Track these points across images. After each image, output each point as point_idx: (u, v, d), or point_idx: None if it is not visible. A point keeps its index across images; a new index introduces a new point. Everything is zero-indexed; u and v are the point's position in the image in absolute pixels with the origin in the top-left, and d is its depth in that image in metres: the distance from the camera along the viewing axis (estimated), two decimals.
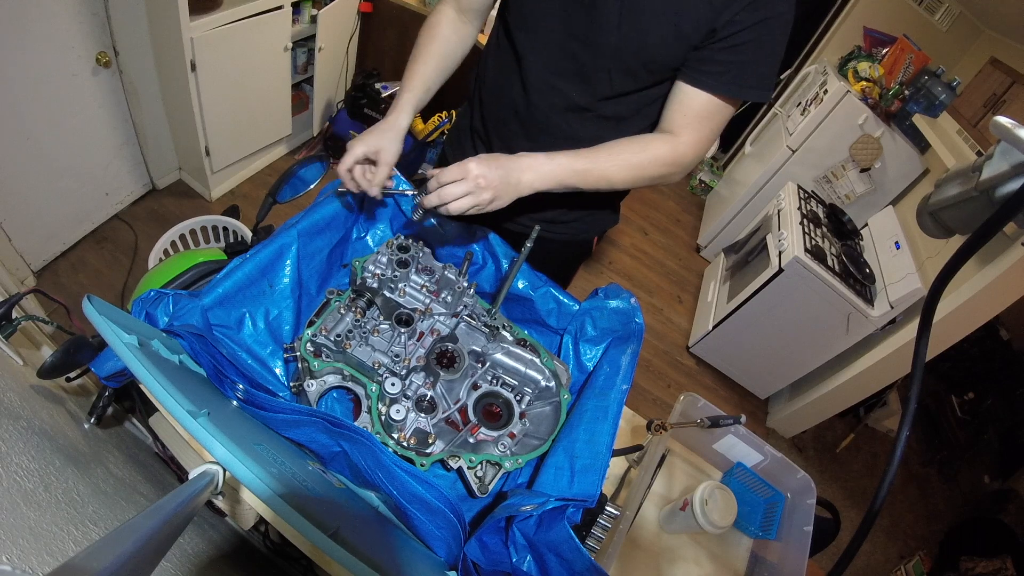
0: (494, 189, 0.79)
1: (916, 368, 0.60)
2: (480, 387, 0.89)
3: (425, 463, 0.77)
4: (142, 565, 0.33)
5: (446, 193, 0.78)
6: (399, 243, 0.95)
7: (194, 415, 0.52)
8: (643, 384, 2.65)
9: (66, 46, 1.73)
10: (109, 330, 0.56)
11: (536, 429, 0.90)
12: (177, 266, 1.04)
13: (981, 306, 1.91)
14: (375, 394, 0.80)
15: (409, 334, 0.87)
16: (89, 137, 2.00)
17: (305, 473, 0.62)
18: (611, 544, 0.83)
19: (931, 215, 0.75)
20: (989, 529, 2.50)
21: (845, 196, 2.88)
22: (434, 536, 0.64)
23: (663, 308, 3.10)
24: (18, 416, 0.66)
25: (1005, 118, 0.57)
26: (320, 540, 0.47)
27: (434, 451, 0.79)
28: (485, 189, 0.78)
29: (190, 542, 0.81)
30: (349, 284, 0.94)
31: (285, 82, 2.52)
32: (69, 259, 2.11)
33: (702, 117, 0.89)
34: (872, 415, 2.92)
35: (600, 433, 0.77)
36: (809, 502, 1.02)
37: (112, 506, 0.69)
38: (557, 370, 0.94)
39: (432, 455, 0.78)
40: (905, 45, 2.77)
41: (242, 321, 0.82)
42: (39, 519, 0.52)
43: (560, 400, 0.91)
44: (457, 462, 0.79)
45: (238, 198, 2.58)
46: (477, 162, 0.79)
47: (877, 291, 2.35)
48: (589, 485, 0.70)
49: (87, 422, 0.85)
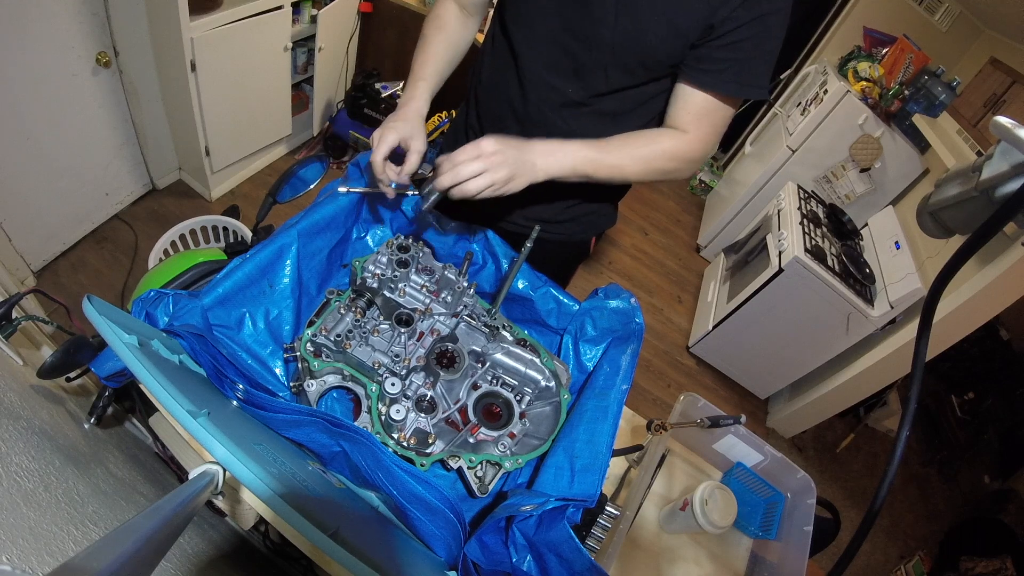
0: (510, 167, 0.76)
1: (916, 368, 0.60)
2: (480, 387, 0.89)
3: (425, 463, 0.77)
4: (142, 565, 0.33)
5: (461, 172, 0.75)
6: (399, 243, 0.95)
7: (194, 415, 0.52)
8: (643, 384, 2.65)
9: (66, 46, 1.73)
10: (109, 330, 0.56)
11: (536, 429, 0.90)
12: (177, 266, 1.04)
13: (981, 306, 1.91)
14: (375, 394, 0.80)
15: (409, 334, 0.87)
16: (89, 137, 2.00)
17: (305, 473, 0.62)
18: (611, 544, 0.83)
19: (931, 215, 0.75)
20: (989, 529, 2.50)
21: (845, 196, 2.88)
22: (434, 536, 0.64)
23: (663, 308, 3.10)
24: (18, 416, 0.66)
25: (1005, 118, 0.57)
26: (321, 540, 0.47)
27: (434, 451, 0.79)
28: (502, 166, 0.76)
29: (190, 542, 0.81)
30: (349, 284, 0.94)
31: (285, 82, 2.52)
32: (69, 259, 2.11)
33: (703, 115, 0.90)
34: (872, 415, 2.92)
35: (600, 433, 0.77)
36: (809, 502, 1.02)
37: (112, 506, 0.69)
38: (557, 370, 0.94)
39: (432, 455, 0.78)
40: (905, 45, 2.77)
41: (242, 321, 0.83)
42: (39, 519, 0.52)
43: (560, 400, 0.91)
44: (457, 462, 0.79)
45: (238, 198, 2.58)
46: (491, 140, 0.76)
47: (877, 291, 2.35)
48: (589, 485, 0.70)
49: (87, 422, 0.85)
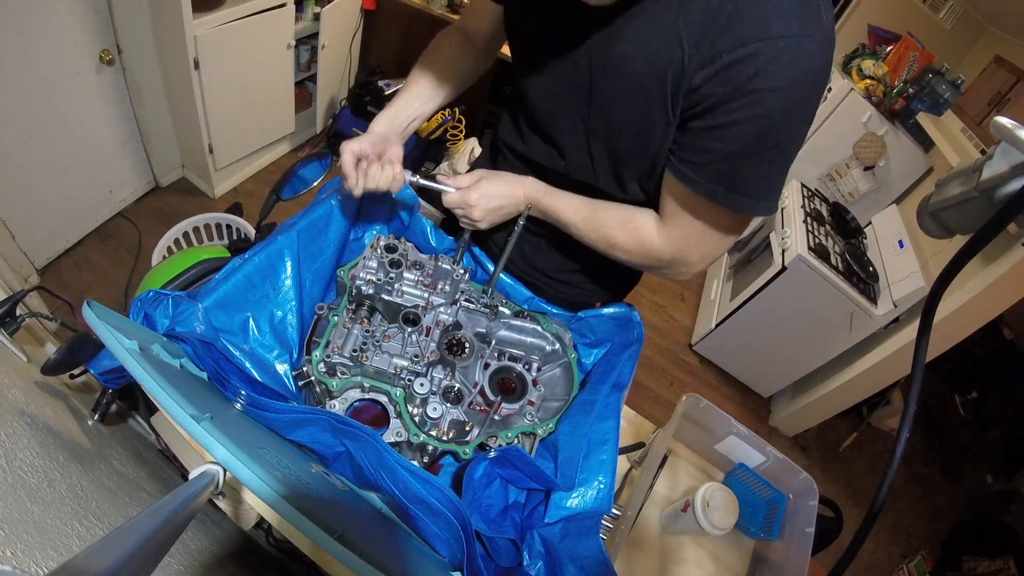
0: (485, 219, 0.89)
1: (916, 369, 0.60)
2: (490, 366, 0.89)
3: (468, 451, 0.78)
4: (142, 565, 0.33)
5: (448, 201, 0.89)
6: (385, 243, 0.94)
7: (197, 419, 0.52)
8: (645, 382, 2.65)
9: (70, 44, 1.74)
10: (109, 335, 0.56)
11: (552, 392, 0.92)
12: (180, 263, 1.04)
13: (984, 306, 1.90)
14: (400, 398, 0.80)
15: (419, 332, 0.87)
16: (93, 135, 2.00)
17: (309, 476, 0.62)
18: (612, 545, 0.83)
19: (931, 215, 0.74)
20: (992, 529, 2.49)
21: (849, 194, 2.87)
22: (436, 536, 0.65)
23: (666, 305, 3.10)
24: (22, 412, 0.66)
25: (1005, 118, 0.57)
26: (329, 545, 0.47)
27: (471, 438, 0.80)
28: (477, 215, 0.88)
29: (194, 539, 0.82)
30: (337, 295, 0.93)
31: (288, 79, 2.53)
32: (73, 256, 2.12)
33: (684, 212, 0.76)
34: (875, 414, 2.91)
35: (581, 424, 0.79)
36: (811, 503, 1.02)
37: (116, 502, 0.70)
38: (558, 332, 0.96)
39: (471, 442, 0.79)
40: (909, 43, 2.75)
41: (246, 326, 0.82)
42: (43, 514, 0.52)
43: (568, 359, 0.94)
44: (496, 442, 0.80)
45: (241, 196, 2.59)
46: (478, 191, 0.86)
47: (880, 290, 2.34)
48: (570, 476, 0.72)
49: (91, 419, 0.86)
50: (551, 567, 0.69)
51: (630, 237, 0.83)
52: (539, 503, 0.74)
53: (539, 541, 0.69)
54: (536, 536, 0.69)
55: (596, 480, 0.72)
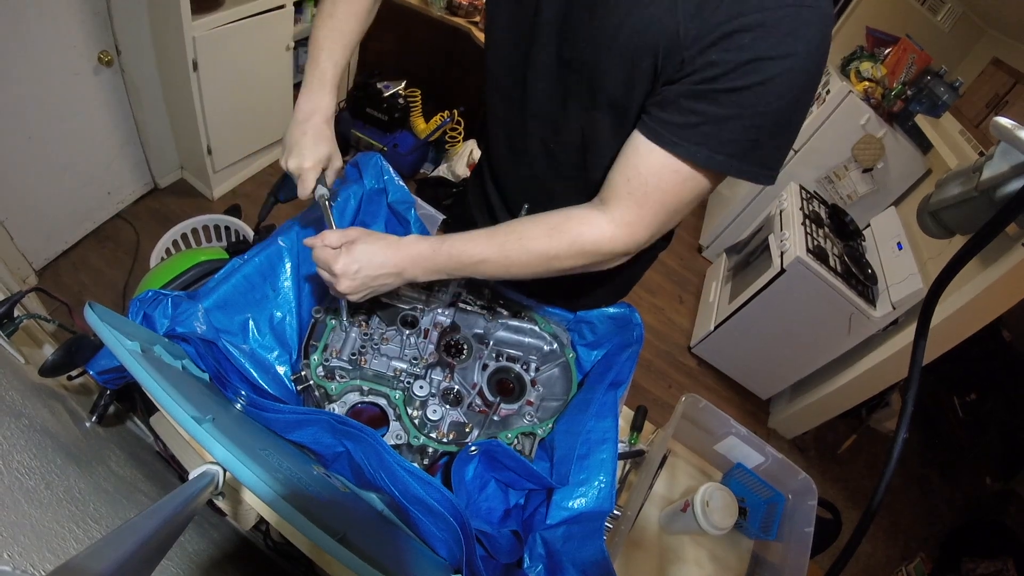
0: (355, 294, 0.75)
1: (913, 370, 0.60)
2: (488, 366, 0.89)
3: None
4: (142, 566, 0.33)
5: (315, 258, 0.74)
6: None
7: (199, 421, 0.52)
8: (644, 384, 2.65)
9: (68, 45, 1.73)
10: (111, 337, 0.56)
11: (551, 391, 0.92)
12: (179, 265, 1.04)
13: (983, 307, 1.90)
14: (399, 401, 0.80)
15: (417, 334, 0.87)
16: (91, 136, 2.00)
17: (310, 478, 0.62)
18: (612, 545, 0.83)
19: (931, 215, 0.75)
20: (991, 530, 2.50)
21: (847, 196, 2.88)
22: (435, 537, 0.65)
23: (664, 308, 3.10)
24: (20, 414, 0.66)
25: (1005, 119, 0.57)
26: (331, 546, 0.47)
27: (471, 439, 0.80)
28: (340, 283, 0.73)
29: (191, 541, 0.82)
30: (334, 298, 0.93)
31: (287, 81, 2.52)
32: (71, 258, 2.11)
33: (650, 187, 0.67)
34: (874, 416, 2.91)
35: (577, 423, 0.79)
36: (810, 503, 1.02)
37: (113, 504, 0.70)
38: (556, 332, 0.96)
39: (471, 443, 0.79)
40: (908, 45, 2.76)
41: (246, 327, 0.82)
42: (41, 516, 0.52)
43: (566, 359, 0.93)
44: None
45: (240, 197, 2.58)
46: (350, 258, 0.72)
47: (879, 292, 2.34)
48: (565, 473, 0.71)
49: (88, 420, 0.85)
50: (552, 570, 0.68)
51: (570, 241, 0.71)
52: (540, 504, 0.74)
53: (540, 543, 0.69)
54: (538, 538, 0.69)
55: (597, 480, 0.72)
